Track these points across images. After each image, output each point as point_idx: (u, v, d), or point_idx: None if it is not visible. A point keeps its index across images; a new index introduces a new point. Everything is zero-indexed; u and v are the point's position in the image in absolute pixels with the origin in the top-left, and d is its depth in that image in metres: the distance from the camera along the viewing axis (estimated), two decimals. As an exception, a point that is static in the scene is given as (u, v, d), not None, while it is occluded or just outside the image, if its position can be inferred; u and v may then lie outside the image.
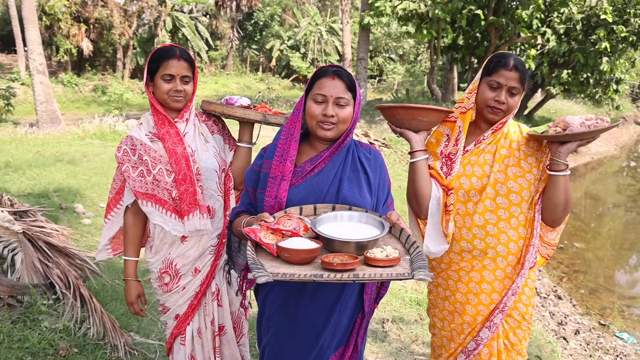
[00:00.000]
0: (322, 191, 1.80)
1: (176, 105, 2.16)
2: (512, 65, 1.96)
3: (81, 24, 25.71)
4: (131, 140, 2.18)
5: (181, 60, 2.13)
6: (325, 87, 1.76)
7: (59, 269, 3.78)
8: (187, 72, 2.15)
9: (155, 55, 2.14)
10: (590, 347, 4.66)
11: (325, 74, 1.78)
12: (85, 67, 28.53)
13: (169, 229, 2.16)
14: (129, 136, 2.20)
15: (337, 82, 1.76)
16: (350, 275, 1.41)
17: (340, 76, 1.77)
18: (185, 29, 28.18)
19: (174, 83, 2.12)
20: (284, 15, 40.03)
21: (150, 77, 2.17)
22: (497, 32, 13.73)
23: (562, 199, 1.93)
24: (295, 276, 1.41)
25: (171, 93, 2.12)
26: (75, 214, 5.94)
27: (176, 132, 2.16)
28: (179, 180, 2.12)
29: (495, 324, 2.06)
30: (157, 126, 2.16)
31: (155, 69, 2.13)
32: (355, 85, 1.80)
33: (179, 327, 2.28)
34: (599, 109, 23.37)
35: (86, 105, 21.79)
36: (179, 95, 2.14)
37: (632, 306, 6.16)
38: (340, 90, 1.76)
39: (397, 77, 33.55)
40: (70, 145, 10.70)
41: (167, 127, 2.15)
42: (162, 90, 2.13)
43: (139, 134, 2.18)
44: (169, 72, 2.11)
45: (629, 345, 4.87)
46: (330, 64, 1.85)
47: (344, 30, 17.37)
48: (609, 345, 4.78)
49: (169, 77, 2.11)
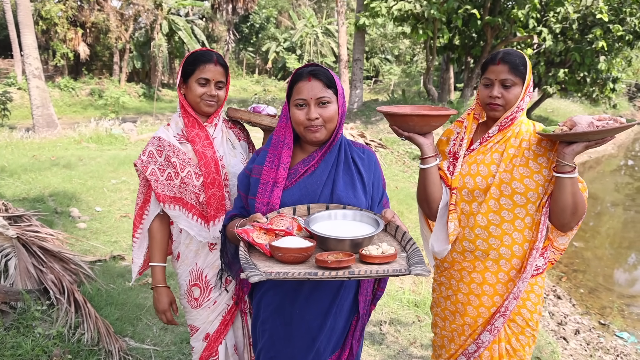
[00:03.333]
0: (316, 193, 1.77)
1: (208, 110, 2.12)
2: (498, 58, 1.95)
3: (78, 28, 25.68)
4: (159, 141, 2.13)
5: (217, 65, 2.10)
6: (303, 91, 1.72)
7: (53, 274, 3.74)
8: (222, 78, 2.12)
9: (192, 58, 2.10)
10: (590, 347, 4.64)
11: (301, 77, 1.74)
12: (82, 71, 28.48)
13: (194, 234, 2.11)
14: (155, 137, 2.15)
15: (314, 82, 1.72)
16: (346, 273, 1.38)
17: (317, 76, 1.73)
18: (181, 32, 28.14)
19: (209, 87, 2.09)
20: (279, 18, 40.09)
21: (183, 79, 2.13)
22: (493, 32, 13.73)
23: (569, 202, 1.87)
24: (289, 275, 1.37)
25: (205, 97, 2.09)
26: (70, 218, 5.90)
27: (206, 136, 2.12)
28: (207, 184, 2.08)
29: (496, 328, 2.02)
30: (186, 128, 2.12)
31: (190, 71, 2.10)
32: (334, 80, 1.76)
33: (209, 349, 2.19)
34: (596, 108, 23.40)
35: (83, 109, 21.75)
36: (212, 100, 2.11)
37: (632, 305, 6.15)
38: (319, 90, 1.72)
39: (393, 77, 33.61)
40: (67, 149, 10.65)
41: (197, 130, 2.12)
42: (196, 93, 2.09)
43: (166, 135, 2.13)
44: (204, 76, 2.08)
45: (629, 345, 4.86)
46: (306, 63, 1.81)
47: (340, 32, 17.35)
48: (609, 344, 4.76)
49: (204, 81, 2.08)
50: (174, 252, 2.24)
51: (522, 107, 2.00)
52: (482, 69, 2.05)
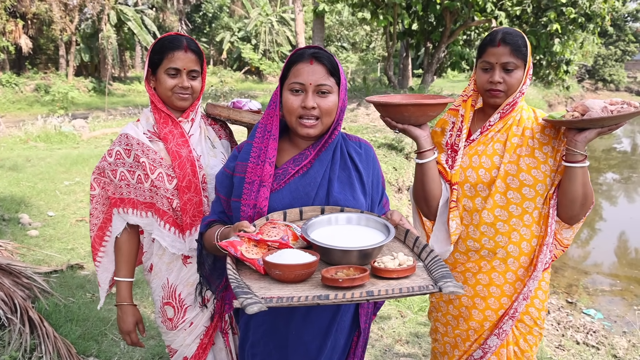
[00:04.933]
0: (310, 196, 1.55)
1: (182, 104, 1.85)
2: (498, 39, 1.78)
3: (18, 20, 24.21)
4: (126, 138, 1.85)
5: (189, 52, 1.82)
6: (302, 74, 1.48)
7: (2, 290, 3.36)
8: (195, 66, 1.84)
9: (159, 46, 1.82)
10: (561, 327, 4.70)
11: (301, 58, 1.50)
12: (25, 65, 26.97)
13: (166, 245, 1.85)
14: (122, 134, 1.87)
15: (316, 66, 1.49)
16: (363, 294, 1.15)
17: (320, 59, 1.49)
18: (131, 23, 27.01)
19: (180, 78, 1.82)
20: (232, 6, 39.22)
21: (152, 70, 1.85)
22: (452, 17, 13.72)
23: (579, 193, 1.73)
24: (294, 300, 1.14)
25: (176, 90, 1.83)
26: (20, 225, 5.44)
27: (181, 133, 1.85)
28: (181, 188, 1.81)
29: (504, 331, 1.87)
30: (158, 125, 1.85)
31: (158, 61, 1.82)
32: (338, 67, 1.53)
33: None
34: (550, 90, 24.05)
35: (28, 106, 20.54)
36: (186, 93, 1.84)
37: (595, 281, 6.32)
38: (321, 76, 1.48)
39: (350, 65, 33.50)
40: (12, 149, 9.95)
41: (170, 127, 1.85)
42: (166, 86, 1.82)
43: (135, 131, 1.86)
44: (174, 66, 1.80)
45: (596, 321, 4.95)
46: (307, 45, 1.56)
47: (297, 19, 17.00)
48: (579, 322, 4.83)
49: (174, 72, 1.81)
50: (145, 264, 1.97)
51: (523, 91, 1.85)
52: (480, 51, 1.86)
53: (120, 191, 1.88)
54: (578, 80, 30.64)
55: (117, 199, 1.88)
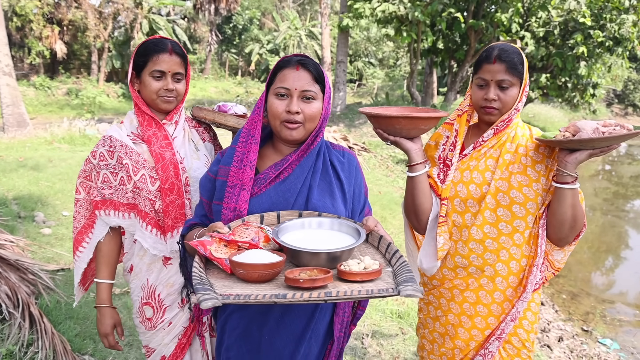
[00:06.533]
0: (289, 201, 1.55)
1: (166, 107, 1.88)
2: (494, 56, 1.75)
3: (54, 26, 25.05)
4: (110, 140, 1.87)
5: (173, 54, 1.85)
6: (288, 80, 1.50)
7: (8, 285, 3.43)
8: (180, 69, 1.87)
9: (143, 49, 1.85)
10: (574, 355, 4.53)
11: (288, 65, 1.53)
12: (59, 70, 27.82)
13: (148, 246, 1.86)
14: (106, 136, 1.89)
15: (302, 72, 1.51)
16: (322, 294, 1.15)
17: (306, 66, 1.52)
18: (162, 32, 27.64)
19: (165, 81, 1.84)
20: (263, 19, 39.82)
21: (136, 73, 1.88)
22: (476, 36, 13.69)
23: (568, 215, 1.69)
24: (252, 298, 1.14)
25: (161, 92, 1.85)
26: (34, 223, 5.56)
27: (165, 135, 1.88)
28: (164, 190, 1.83)
29: (490, 352, 1.81)
30: (142, 127, 1.87)
31: (142, 64, 1.84)
32: (323, 76, 1.55)
33: None
34: (576, 114, 23.63)
35: (59, 109, 21.13)
36: (170, 95, 1.86)
37: (613, 310, 6.09)
38: (306, 83, 1.51)
39: (376, 81, 33.57)
40: (36, 150, 10.23)
41: (154, 129, 1.87)
42: (151, 89, 1.84)
43: (119, 133, 1.88)
44: (159, 69, 1.83)
45: (612, 352, 4.77)
46: (295, 54, 1.59)
47: (323, 34, 17.17)
48: (593, 352, 4.66)
49: (158, 74, 1.83)
50: (125, 264, 1.98)
51: (518, 108, 1.81)
52: (476, 67, 1.84)
53: (102, 193, 1.89)
54: (607, 104, 30.05)
55: (99, 201, 1.89)
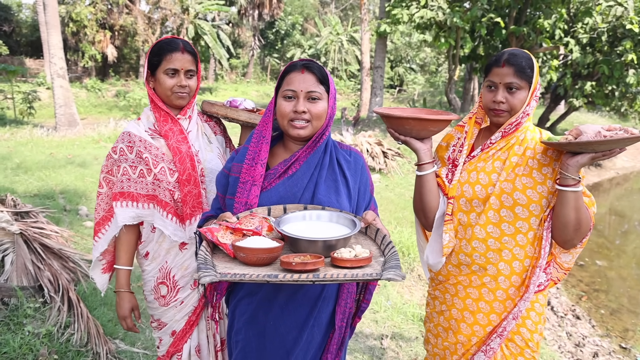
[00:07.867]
0: (296, 196, 1.66)
1: (180, 102, 2.01)
2: (503, 60, 1.81)
3: (106, 31, 26.24)
4: (129, 136, 2.01)
5: (185, 53, 1.98)
6: (294, 82, 1.63)
7: (50, 271, 3.69)
8: (191, 66, 2.01)
9: (157, 48, 1.98)
10: (610, 372, 4.40)
11: (293, 69, 1.65)
12: (109, 72, 29.04)
13: (169, 234, 2.00)
14: (125, 132, 2.03)
15: (307, 75, 1.63)
16: (310, 276, 1.26)
17: (310, 69, 1.64)
18: (207, 37, 28.45)
19: (178, 78, 1.97)
20: (305, 25, 40.28)
21: (151, 71, 2.02)
22: (518, 42, 13.43)
23: (571, 217, 1.72)
24: (246, 277, 1.26)
25: (175, 89, 1.98)
26: (78, 216, 5.89)
27: (180, 130, 2.01)
28: (182, 181, 1.97)
29: (492, 349, 1.86)
30: (158, 123, 2.01)
31: (157, 63, 1.98)
32: (327, 77, 1.66)
33: (175, 345, 2.10)
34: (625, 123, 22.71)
35: (108, 110, 22.09)
36: (183, 91, 2.00)
37: (657, 327, 5.84)
38: (311, 84, 1.62)
39: (417, 87, 33.32)
40: (84, 148, 10.78)
41: (170, 124, 2.01)
42: (166, 86, 1.98)
43: (137, 129, 2.02)
44: (172, 67, 1.96)
45: (651, 370, 4.60)
46: (300, 59, 1.71)
47: (363, 39, 17.26)
48: (630, 370, 4.51)
49: (172, 72, 1.97)
50: (141, 251, 2.13)
51: (528, 112, 1.85)
52: (486, 71, 1.90)
53: (121, 185, 2.02)
54: (661, 114, 28.67)
55: (118, 192, 2.01)
